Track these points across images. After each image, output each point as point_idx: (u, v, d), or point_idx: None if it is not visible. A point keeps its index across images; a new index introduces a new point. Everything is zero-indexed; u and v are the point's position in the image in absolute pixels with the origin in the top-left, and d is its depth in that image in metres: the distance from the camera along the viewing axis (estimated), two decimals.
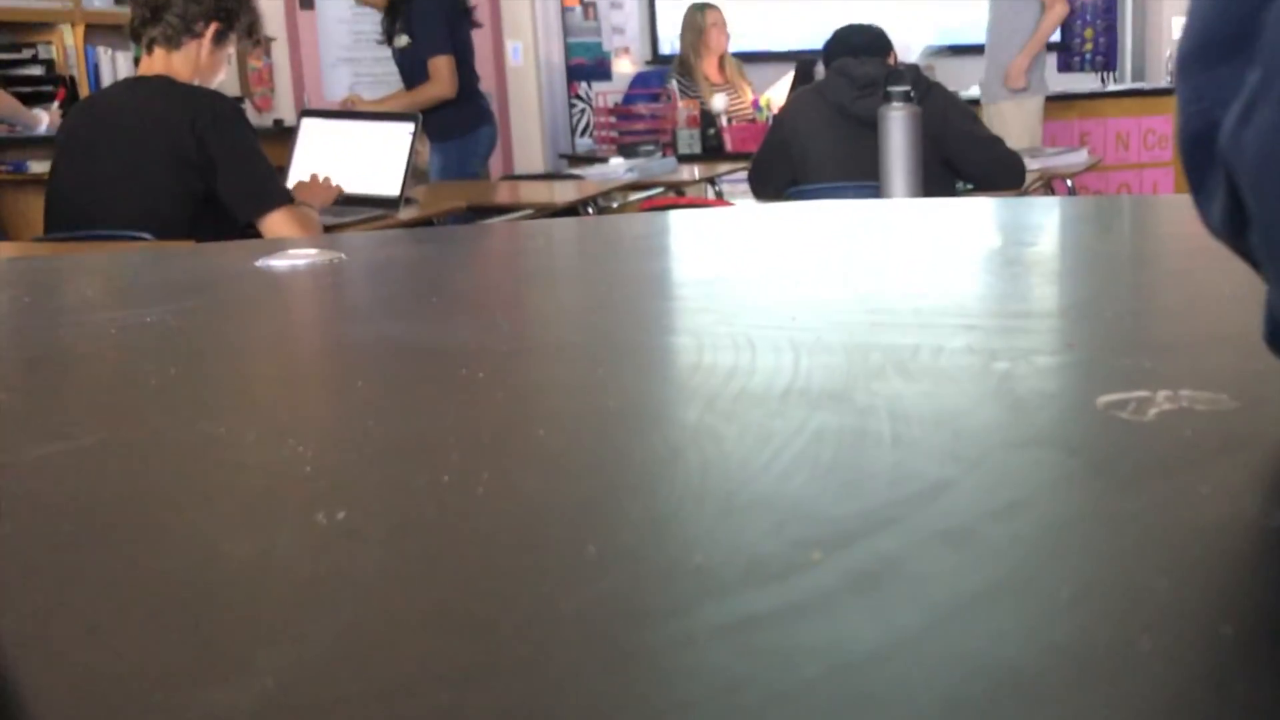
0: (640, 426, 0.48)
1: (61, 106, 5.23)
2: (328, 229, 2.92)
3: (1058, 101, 6.96)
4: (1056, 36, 7.85)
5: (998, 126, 5.07)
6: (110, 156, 2.74)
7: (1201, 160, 0.38)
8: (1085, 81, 8.08)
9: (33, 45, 5.59)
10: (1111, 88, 7.61)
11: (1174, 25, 8.03)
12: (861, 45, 3.52)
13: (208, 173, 2.70)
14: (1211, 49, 0.37)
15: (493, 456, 0.44)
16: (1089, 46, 8.31)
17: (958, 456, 0.40)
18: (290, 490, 0.41)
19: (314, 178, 3.08)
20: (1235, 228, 0.37)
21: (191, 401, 0.55)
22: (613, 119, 6.03)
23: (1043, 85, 5.75)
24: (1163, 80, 7.65)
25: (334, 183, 3.08)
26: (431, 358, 0.63)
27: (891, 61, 3.55)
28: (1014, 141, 4.29)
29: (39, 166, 4.45)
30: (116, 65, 5.80)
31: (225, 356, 0.68)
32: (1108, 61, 8.33)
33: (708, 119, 5.58)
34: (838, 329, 0.63)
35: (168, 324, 0.76)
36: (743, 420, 0.46)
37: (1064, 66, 8.22)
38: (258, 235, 2.69)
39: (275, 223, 2.71)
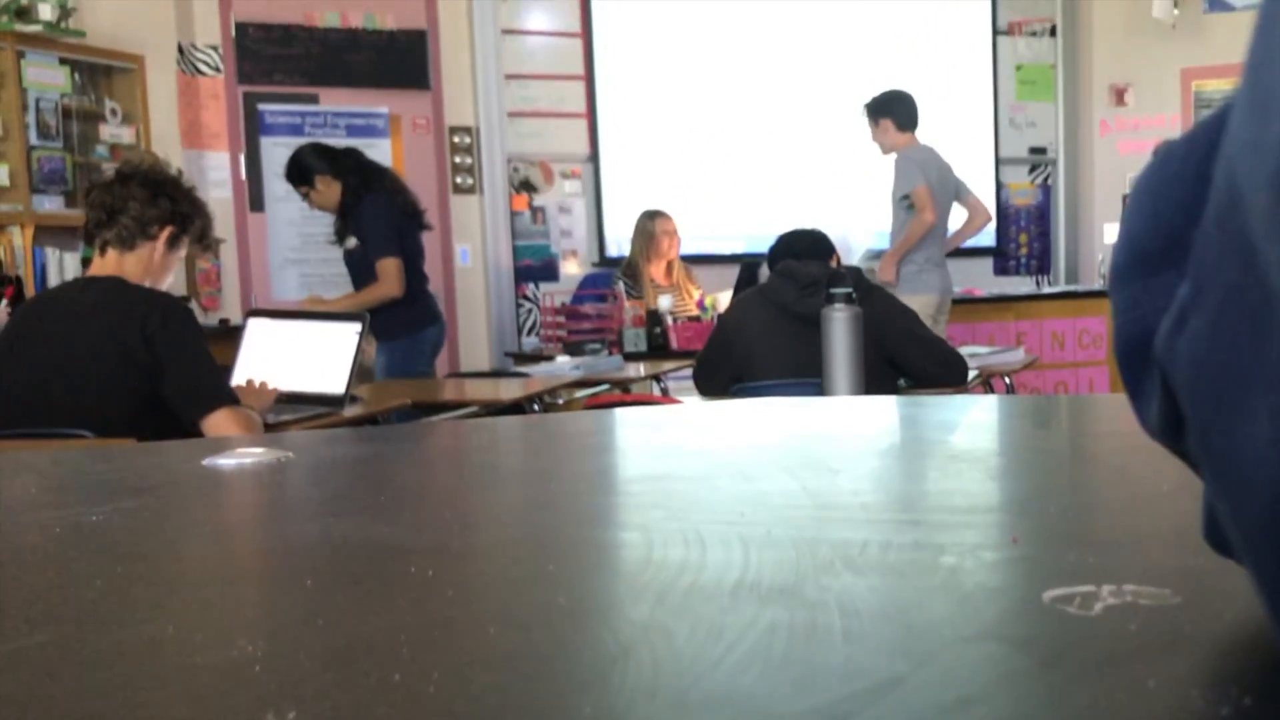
0: (591, 623, 0.48)
1: (10, 305, 5.23)
2: (273, 427, 2.91)
3: (995, 303, 7.15)
4: (991, 241, 8.09)
5: None
6: (57, 354, 2.74)
7: (1137, 365, 0.39)
8: (1021, 284, 8.32)
9: None
10: (1046, 290, 7.83)
11: (1104, 231, 8.31)
12: (804, 249, 3.61)
13: (154, 373, 2.70)
14: (1145, 261, 0.39)
15: (443, 654, 0.43)
16: (1024, 250, 8.57)
17: (908, 651, 0.41)
18: (239, 690, 0.40)
19: (250, 382, 3.09)
20: (1172, 429, 0.38)
21: (138, 601, 0.55)
22: (560, 318, 6.11)
23: (921, 285, 5.70)
24: (1095, 283, 7.87)
25: (270, 386, 3.09)
26: (380, 555, 0.62)
27: (834, 264, 3.64)
28: None
29: None
30: (64, 265, 5.84)
31: (172, 555, 0.67)
32: (1042, 265, 8.58)
33: (654, 318, 5.65)
34: (786, 524, 0.63)
35: (113, 523, 0.75)
36: (694, 616, 0.46)
37: (1000, 270, 8.46)
38: (199, 434, 2.68)
39: (218, 422, 2.71)
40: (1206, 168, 0.34)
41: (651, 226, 6.15)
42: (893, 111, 5.82)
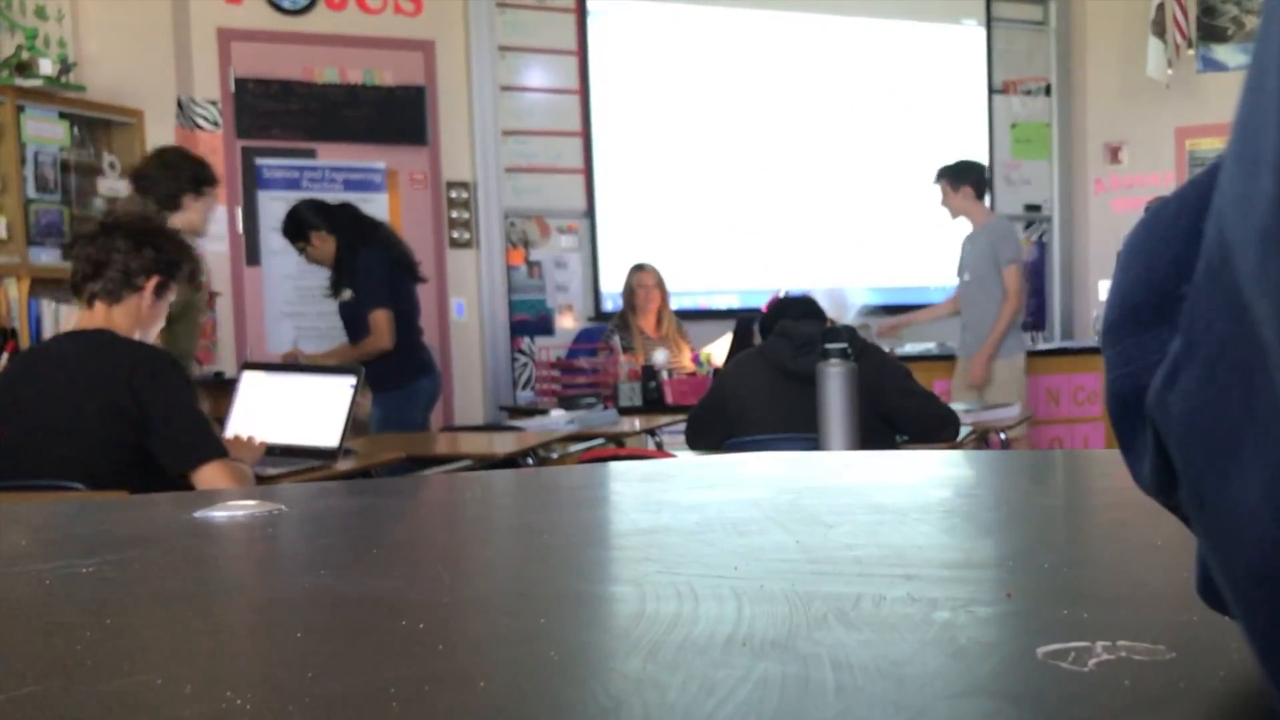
0: (582, 677, 0.48)
1: (10, 357, 5.23)
2: (266, 479, 2.90)
3: None
4: None
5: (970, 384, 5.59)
6: (46, 407, 2.73)
7: (1130, 420, 0.40)
8: None
9: None
10: (1042, 346, 7.84)
11: (1099, 288, 8.33)
12: (797, 314, 3.63)
13: (141, 425, 2.70)
14: (1136, 317, 0.39)
15: (433, 708, 0.43)
16: None
17: (901, 707, 0.40)
18: None
19: (237, 436, 3.07)
20: (1164, 484, 0.38)
21: (128, 652, 0.54)
22: (555, 372, 6.11)
23: (1008, 348, 5.93)
24: (1090, 339, 7.89)
25: (257, 439, 3.08)
26: (371, 609, 0.62)
27: (827, 325, 3.67)
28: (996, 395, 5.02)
29: None
30: (60, 317, 5.84)
31: (162, 607, 0.67)
32: (1038, 322, 8.60)
33: (649, 372, 5.66)
34: (780, 578, 0.63)
35: (104, 574, 0.74)
36: (686, 670, 0.46)
37: None
38: (189, 486, 2.67)
39: (209, 475, 2.70)
40: (1197, 224, 0.34)
41: (630, 280, 6.23)
42: (973, 179, 5.95)
